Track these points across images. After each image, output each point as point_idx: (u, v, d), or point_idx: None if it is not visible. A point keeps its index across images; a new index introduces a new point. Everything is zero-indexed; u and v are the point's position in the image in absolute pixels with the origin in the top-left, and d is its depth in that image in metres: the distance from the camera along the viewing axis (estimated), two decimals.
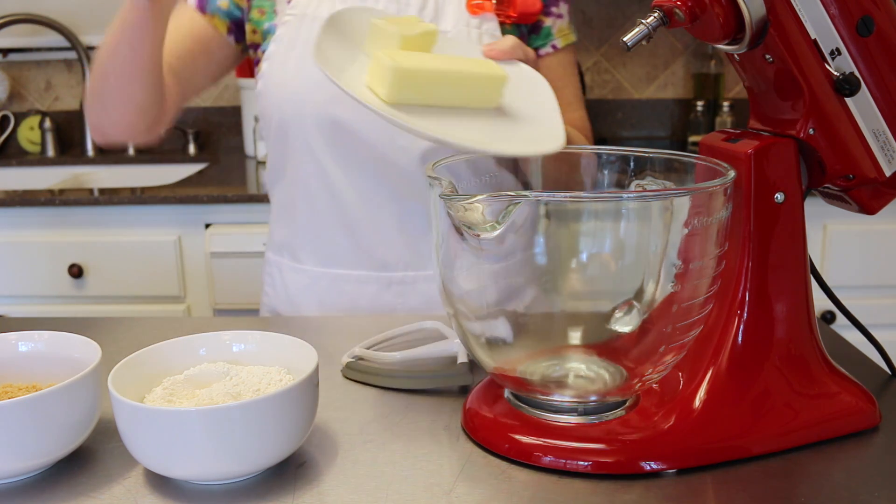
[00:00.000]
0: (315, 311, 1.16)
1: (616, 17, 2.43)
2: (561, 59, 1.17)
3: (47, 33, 2.44)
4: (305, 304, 1.17)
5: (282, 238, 1.19)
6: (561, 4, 1.15)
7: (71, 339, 0.75)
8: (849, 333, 0.93)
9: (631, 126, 2.49)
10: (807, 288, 0.73)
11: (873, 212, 0.77)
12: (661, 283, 0.66)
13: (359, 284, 1.13)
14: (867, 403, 0.73)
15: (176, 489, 0.65)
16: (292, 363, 0.72)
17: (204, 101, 2.53)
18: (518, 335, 0.70)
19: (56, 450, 0.66)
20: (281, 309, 1.20)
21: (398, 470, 0.67)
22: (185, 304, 1.98)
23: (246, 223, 1.92)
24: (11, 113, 2.51)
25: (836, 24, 0.67)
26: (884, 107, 0.70)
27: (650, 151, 0.77)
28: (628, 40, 0.71)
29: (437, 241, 0.70)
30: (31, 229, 1.95)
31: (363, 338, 0.92)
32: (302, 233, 1.15)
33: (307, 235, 1.15)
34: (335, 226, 1.12)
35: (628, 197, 0.67)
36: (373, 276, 1.12)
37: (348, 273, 1.13)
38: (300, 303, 1.17)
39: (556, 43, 1.15)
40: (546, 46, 1.15)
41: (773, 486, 0.65)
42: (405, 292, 1.12)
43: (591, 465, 0.66)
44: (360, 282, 1.13)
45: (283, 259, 1.19)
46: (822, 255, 1.91)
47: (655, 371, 0.69)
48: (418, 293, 1.12)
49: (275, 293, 1.21)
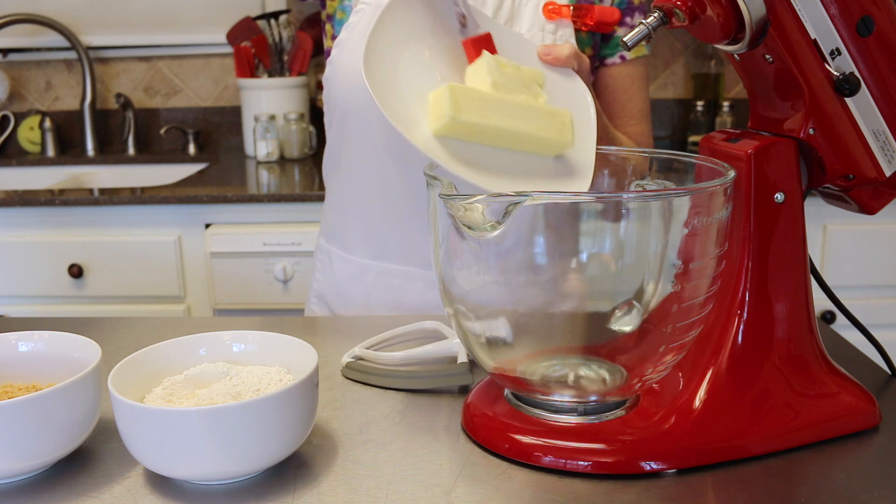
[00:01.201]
0: (361, 302, 1.16)
1: None
2: (630, 71, 1.16)
3: (47, 33, 2.44)
4: (352, 294, 1.17)
5: (333, 227, 1.20)
6: (637, 16, 1.13)
7: (71, 339, 0.75)
8: (849, 333, 0.93)
9: None
10: (807, 288, 0.73)
11: (873, 212, 0.77)
12: (661, 283, 0.66)
13: (406, 280, 1.13)
14: (867, 403, 0.73)
15: (176, 489, 0.65)
16: (292, 363, 0.72)
17: (204, 101, 2.53)
18: (518, 335, 0.70)
19: (56, 450, 0.66)
20: (328, 297, 1.21)
21: (398, 470, 0.67)
22: (185, 304, 1.98)
23: (246, 223, 1.92)
24: (11, 113, 2.51)
25: (836, 24, 0.67)
26: (884, 107, 0.70)
27: (650, 151, 0.77)
28: (628, 40, 0.71)
29: (437, 241, 0.70)
30: (31, 229, 1.95)
31: (363, 338, 0.92)
32: (354, 224, 1.16)
33: (358, 227, 1.15)
34: (386, 220, 1.12)
35: (628, 197, 0.66)
36: (419, 272, 1.12)
37: (396, 268, 1.13)
38: (347, 293, 1.18)
39: (626, 54, 1.15)
40: (614, 56, 1.14)
41: (773, 486, 0.65)
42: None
43: (591, 465, 0.66)
44: (407, 278, 1.13)
45: (334, 248, 1.20)
46: (822, 255, 1.91)
47: (655, 371, 0.69)
48: None
49: (324, 280, 1.22)
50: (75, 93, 2.54)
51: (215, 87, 2.53)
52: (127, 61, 2.52)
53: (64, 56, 2.51)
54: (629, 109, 1.17)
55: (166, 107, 2.54)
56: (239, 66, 2.31)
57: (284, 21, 2.34)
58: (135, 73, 2.53)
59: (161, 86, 2.53)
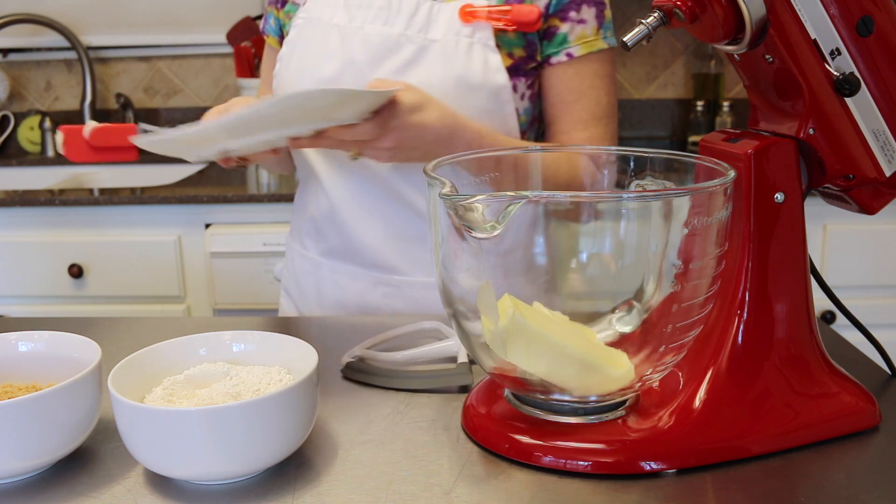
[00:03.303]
0: (314, 297, 1.19)
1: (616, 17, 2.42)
2: (580, 69, 1.07)
3: (47, 33, 2.44)
4: (307, 289, 1.20)
5: (295, 223, 1.23)
6: (584, 9, 1.06)
7: (71, 339, 0.75)
8: (849, 333, 0.93)
9: (631, 126, 2.49)
10: (807, 288, 0.73)
11: (873, 212, 0.77)
12: (662, 283, 0.66)
13: (350, 279, 1.15)
14: (867, 403, 0.73)
15: (176, 489, 0.65)
16: (292, 363, 0.72)
17: (204, 101, 2.53)
18: None
19: (56, 450, 0.66)
20: (291, 290, 1.24)
21: (398, 470, 0.67)
22: (185, 304, 1.98)
23: (246, 223, 1.92)
24: (11, 113, 2.51)
25: (836, 24, 0.67)
26: (884, 107, 0.70)
27: (650, 151, 0.77)
28: (628, 40, 0.71)
29: (437, 241, 0.70)
30: (31, 229, 1.95)
31: (363, 338, 0.92)
32: (307, 223, 1.18)
33: (311, 226, 1.18)
34: (330, 221, 1.14)
35: (628, 197, 0.66)
36: (361, 272, 1.14)
37: (341, 266, 1.16)
38: (304, 287, 1.20)
39: (573, 51, 1.06)
40: (559, 55, 1.07)
41: (773, 486, 0.65)
42: (391, 294, 1.13)
43: (591, 465, 0.66)
44: (351, 276, 1.15)
45: (294, 243, 1.23)
46: (822, 255, 1.91)
47: (655, 371, 0.69)
48: (405, 297, 1.13)
49: (288, 274, 1.25)
50: (75, 93, 2.54)
51: (215, 87, 2.53)
52: (127, 61, 2.52)
53: (64, 56, 2.51)
54: (577, 112, 1.08)
55: (166, 107, 2.54)
56: (239, 66, 2.31)
57: None
58: (135, 73, 2.53)
59: (161, 86, 2.53)
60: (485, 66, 1.03)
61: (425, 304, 1.11)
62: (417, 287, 1.12)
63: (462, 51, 1.03)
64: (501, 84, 1.03)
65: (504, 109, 1.05)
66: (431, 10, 1.04)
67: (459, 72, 1.02)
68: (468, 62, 1.02)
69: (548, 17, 1.06)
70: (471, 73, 1.02)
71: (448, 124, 0.95)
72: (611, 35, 1.09)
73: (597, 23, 1.07)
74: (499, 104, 1.04)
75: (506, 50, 1.04)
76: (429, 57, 1.03)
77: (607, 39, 1.08)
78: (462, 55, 1.02)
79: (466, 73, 1.02)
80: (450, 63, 1.02)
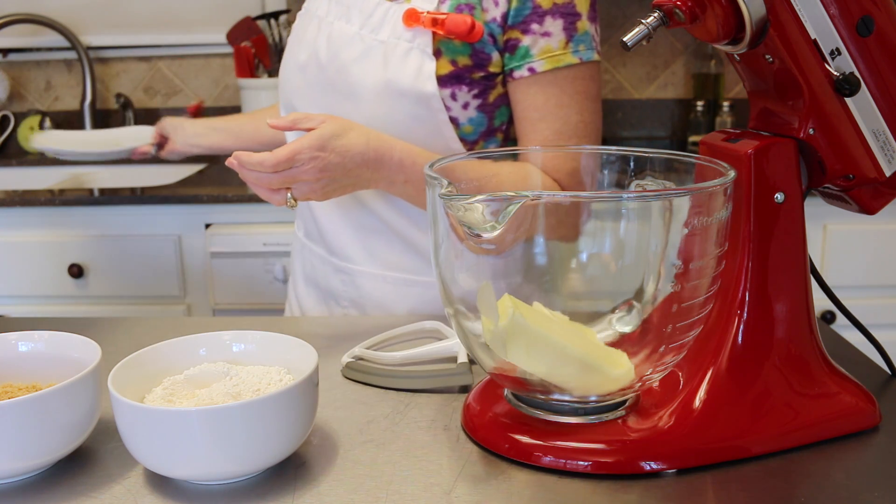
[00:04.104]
0: (300, 275, 1.23)
1: (616, 17, 2.43)
2: (544, 86, 1.00)
3: (47, 33, 2.44)
4: (296, 267, 1.25)
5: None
6: (548, 21, 0.99)
7: (71, 339, 0.75)
8: (849, 333, 0.93)
9: (631, 126, 2.49)
10: (807, 288, 0.73)
11: (873, 212, 0.77)
12: (661, 283, 0.66)
13: (319, 262, 1.18)
14: (867, 403, 0.73)
15: (176, 489, 0.65)
16: (292, 363, 0.72)
17: (204, 101, 2.53)
18: None
19: (56, 450, 0.66)
20: (290, 267, 1.30)
21: (398, 470, 0.67)
22: (185, 304, 1.98)
23: (246, 223, 1.92)
24: (11, 113, 2.51)
25: (836, 24, 0.67)
26: (884, 107, 0.70)
27: (650, 151, 0.77)
28: (628, 40, 0.71)
29: (437, 241, 0.70)
30: (31, 229, 1.95)
31: (363, 338, 0.92)
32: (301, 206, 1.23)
33: (301, 207, 1.21)
34: (305, 204, 1.19)
35: (628, 197, 0.66)
36: (326, 257, 1.17)
37: (315, 249, 1.19)
38: (294, 265, 1.26)
39: (536, 66, 1.00)
40: (521, 69, 1.01)
41: (773, 486, 0.65)
42: (347, 282, 1.15)
43: (591, 465, 0.66)
44: (320, 260, 1.18)
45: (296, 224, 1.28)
46: (822, 255, 1.91)
47: (655, 371, 0.69)
48: (358, 287, 1.14)
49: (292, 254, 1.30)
50: (75, 93, 2.54)
51: (215, 87, 2.53)
52: (127, 61, 2.52)
53: (64, 56, 2.51)
54: (541, 131, 1.02)
55: (166, 107, 2.54)
56: (239, 66, 2.31)
57: (284, 21, 2.34)
58: (135, 73, 2.53)
59: (161, 86, 2.53)
60: (417, 73, 1.00)
61: (375, 297, 1.13)
62: (368, 277, 1.12)
63: (399, 55, 1.01)
64: (430, 92, 1.00)
65: (437, 117, 1.02)
66: (387, 12, 1.03)
67: (391, 75, 1.01)
68: (402, 67, 1.01)
69: (507, 29, 1.00)
70: (402, 78, 1.01)
71: (374, 147, 0.95)
72: (586, 49, 1.00)
73: (565, 36, 0.99)
74: (430, 112, 1.01)
75: (449, 57, 1.01)
76: (371, 57, 1.03)
77: (579, 53, 0.99)
78: (398, 59, 1.01)
79: (398, 78, 1.01)
80: (386, 66, 1.01)
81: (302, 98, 1.11)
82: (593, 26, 1.02)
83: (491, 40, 1.01)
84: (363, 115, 1.02)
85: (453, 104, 1.02)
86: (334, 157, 0.92)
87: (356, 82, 1.03)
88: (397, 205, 1.08)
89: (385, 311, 1.12)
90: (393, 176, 0.97)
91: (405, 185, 0.98)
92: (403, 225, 1.09)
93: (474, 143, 1.06)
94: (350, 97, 1.04)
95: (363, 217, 1.11)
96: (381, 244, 1.11)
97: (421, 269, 1.11)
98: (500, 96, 1.05)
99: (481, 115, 1.04)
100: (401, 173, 0.97)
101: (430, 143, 1.02)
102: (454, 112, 1.03)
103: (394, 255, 1.11)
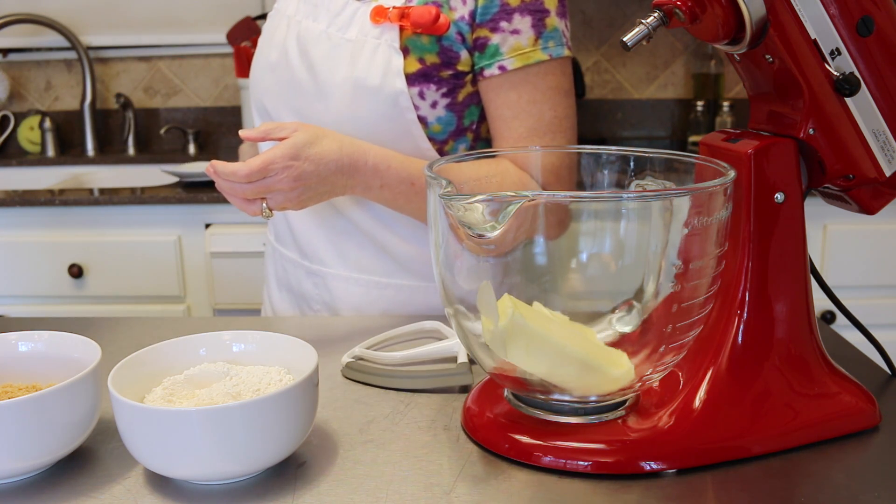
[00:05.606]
0: (273, 281, 1.23)
1: (616, 17, 2.43)
2: (515, 83, 1.00)
3: (47, 33, 2.44)
4: (270, 273, 1.25)
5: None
6: (517, 19, 0.98)
7: (71, 339, 0.75)
8: (849, 333, 0.93)
9: (631, 126, 2.49)
10: (807, 288, 0.73)
11: (873, 212, 0.77)
12: (661, 283, 0.66)
13: (292, 266, 1.18)
14: (867, 403, 0.73)
15: (176, 489, 0.65)
16: (292, 363, 0.72)
17: (204, 101, 2.53)
18: None
19: (56, 450, 0.66)
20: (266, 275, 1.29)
21: (398, 470, 0.67)
22: (185, 304, 1.98)
23: (246, 223, 1.92)
24: (11, 113, 2.51)
25: (836, 24, 0.67)
26: (884, 107, 0.70)
27: (650, 151, 0.77)
28: (628, 40, 0.71)
29: (437, 241, 0.70)
30: (31, 229, 1.95)
31: (363, 338, 0.93)
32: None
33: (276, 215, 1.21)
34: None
35: (628, 197, 0.66)
36: (298, 261, 1.16)
37: (286, 253, 1.18)
38: (268, 272, 1.25)
39: (506, 64, 0.99)
40: (492, 67, 1.00)
41: (773, 486, 0.65)
42: (319, 284, 1.14)
43: (591, 465, 0.66)
44: (291, 262, 1.18)
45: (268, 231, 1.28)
46: (822, 255, 1.91)
47: (655, 371, 0.69)
48: (331, 290, 1.14)
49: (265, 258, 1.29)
50: (75, 93, 2.54)
51: (215, 87, 2.53)
52: (127, 61, 2.52)
53: (64, 56, 2.51)
54: (515, 129, 1.01)
55: (166, 107, 2.54)
56: (239, 66, 2.31)
57: None
58: (135, 73, 2.53)
59: (161, 86, 2.53)
60: (385, 70, 1.00)
61: (348, 299, 1.12)
62: (340, 280, 1.12)
63: (367, 52, 1.01)
64: (398, 89, 1.00)
65: (405, 116, 1.01)
66: (356, 12, 1.03)
67: (359, 73, 1.00)
68: (370, 65, 1.00)
69: (475, 27, 0.99)
70: (370, 76, 1.00)
71: (347, 153, 0.95)
72: (555, 45, 1.00)
73: (534, 33, 0.99)
74: (398, 110, 1.01)
75: (416, 55, 1.00)
76: (338, 56, 1.02)
77: (548, 50, 0.99)
78: (366, 57, 1.01)
79: (366, 76, 1.00)
80: (353, 64, 1.01)
81: (273, 98, 1.10)
82: (563, 22, 1.02)
83: (459, 38, 1.00)
84: (332, 116, 1.02)
85: (421, 103, 1.02)
86: (308, 166, 0.92)
87: (325, 81, 1.02)
88: (369, 208, 1.07)
89: (358, 314, 1.12)
90: (369, 181, 0.97)
91: (381, 190, 0.98)
92: (376, 228, 1.08)
93: (444, 142, 1.05)
94: (320, 97, 1.04)
95: (335, 220, 1.11)
96: (353, 247, 1.11)
97: (393, 271, 1.10)
98: (470, 95, 1.04)
99: (450, 114, 1.04)
100: (376, 178, 0.97)
101: (400, 142, 1.02)
102: (423, 111, 1.02)
103: (366, 258, 1.10)
